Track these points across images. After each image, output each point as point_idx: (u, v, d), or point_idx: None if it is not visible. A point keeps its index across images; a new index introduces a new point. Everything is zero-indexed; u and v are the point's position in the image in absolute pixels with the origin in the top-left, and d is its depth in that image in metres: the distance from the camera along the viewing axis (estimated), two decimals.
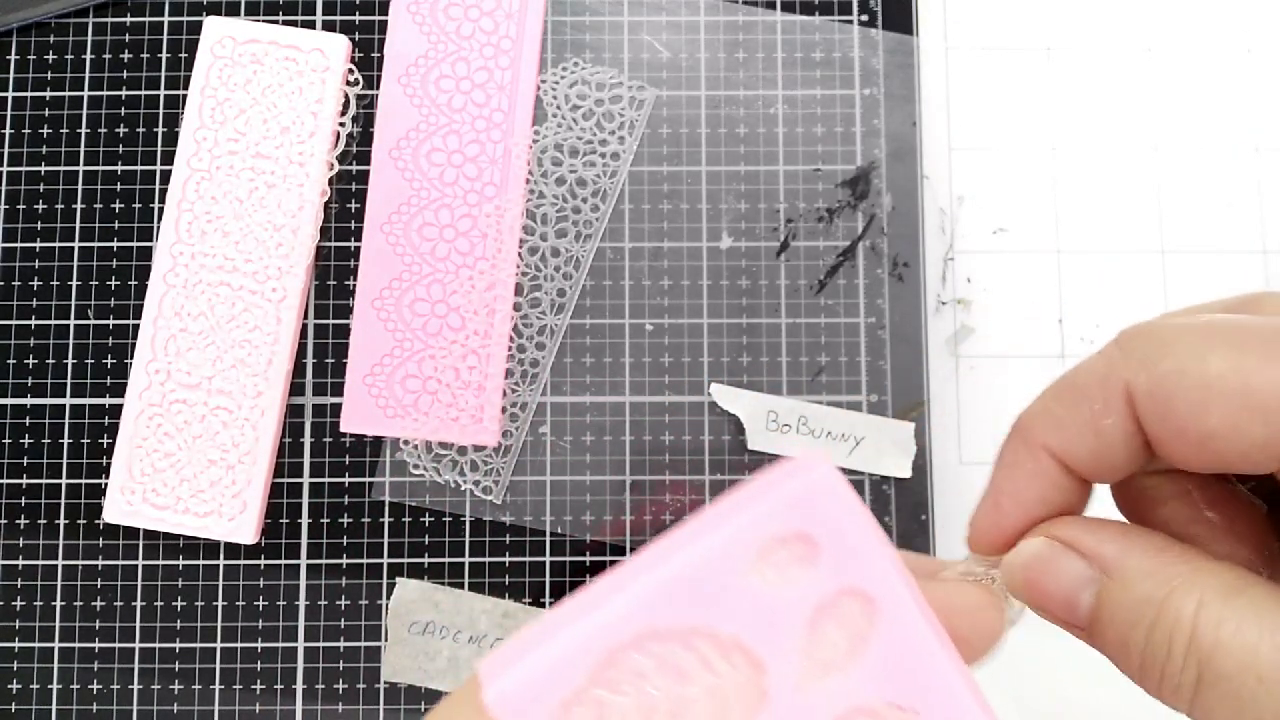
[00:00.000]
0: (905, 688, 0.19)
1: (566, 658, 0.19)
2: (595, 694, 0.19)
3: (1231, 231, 0.44)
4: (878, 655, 0.19)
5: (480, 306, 0.42)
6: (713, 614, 0.19)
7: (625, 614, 0.19)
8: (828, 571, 0.19)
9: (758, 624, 0.19)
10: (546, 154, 0.44)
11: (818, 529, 0.19)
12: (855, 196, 0.44)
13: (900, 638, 0.19)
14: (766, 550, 0.19)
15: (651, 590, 0.19)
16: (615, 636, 0.19)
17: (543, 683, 0.19)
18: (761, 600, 0.19)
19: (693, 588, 0.19)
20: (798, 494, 0.19)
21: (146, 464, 0.41)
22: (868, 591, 0.19)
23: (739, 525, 0.20)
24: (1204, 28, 0.45)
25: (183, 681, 0.41)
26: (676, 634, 0.19)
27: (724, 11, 0.45)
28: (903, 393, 0.43)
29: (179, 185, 0.42)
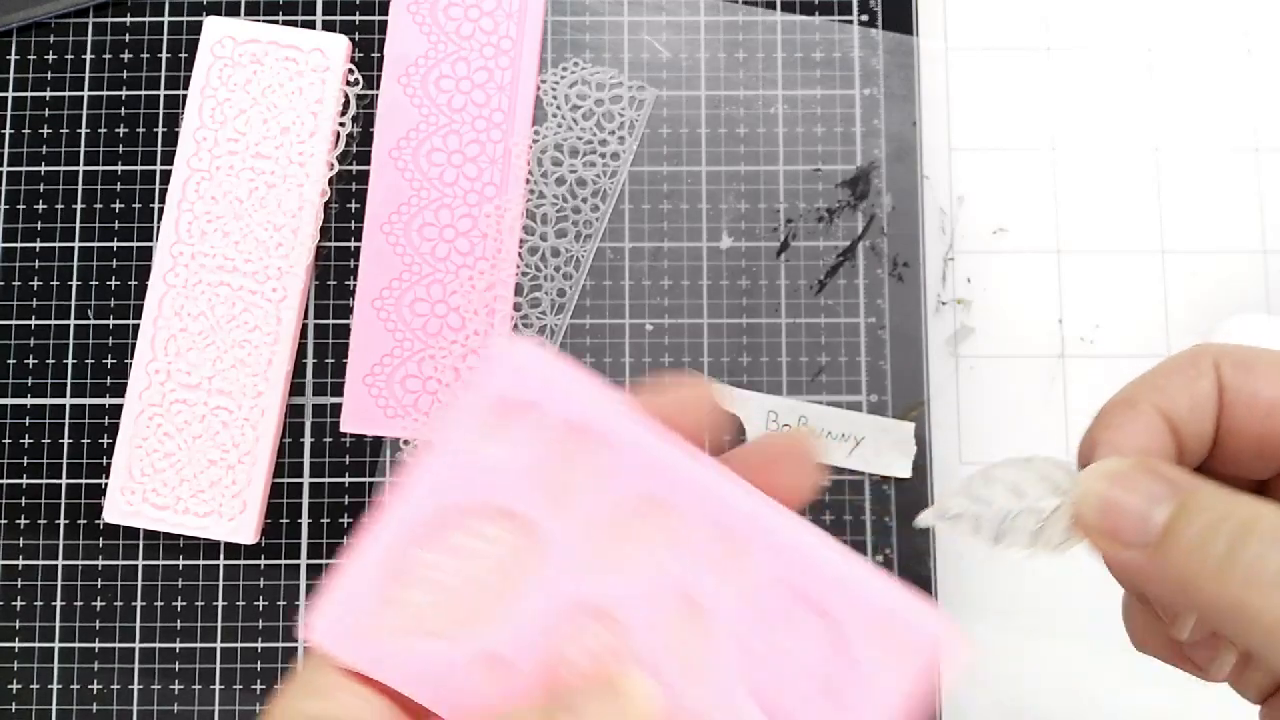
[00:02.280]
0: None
1: (359, 577, 0.22)
2: (396, 595, 0.22)
3: (1231, 231, 0.44)
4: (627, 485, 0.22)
5: (480, 306, 0.42)
6: (471, 494, 0.22)
7: (395, 519, 0.22)
8: (554, 424, 0.22)
9: (515, 489, 0.22)
10: (546, 154, 0.44)
11: (535, 394, 0.22)
12: (855, 196, 0.44)
13: (636, 464, 0.22)
14: (495, 424, 0.22)
15: (411, 492, 0.22)
16: (394, 543, 0.22)
17: (346, 603, 0.21)
18: (510, 467, 0.22)
19: (444, 479, 0.22)
20: (503, 368, 0.22)
21: (146, 464, 0.41)
22: (592, 428, 0.22)
23: (460, 410, 0.22)
24: (1204, 28, 0.45)
25: (183, 681, 0.41)
26: (448, 520, 0.22)
27: (724, 11, 0.45)
28: (903, 393, 0.43)
29: (179, 185, 0.42)
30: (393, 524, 0.22)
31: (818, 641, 0.21)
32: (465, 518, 0.22)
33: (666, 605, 0.22)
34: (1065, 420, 0.43)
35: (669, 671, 0.22)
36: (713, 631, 0.22)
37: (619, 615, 0.22)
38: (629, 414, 0.22)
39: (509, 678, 0.22)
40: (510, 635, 0.22)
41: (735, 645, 0.22)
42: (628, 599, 0.22)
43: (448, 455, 0.22)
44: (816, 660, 0.21)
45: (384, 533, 0.22)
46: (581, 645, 0.22)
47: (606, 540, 0.22)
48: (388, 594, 0.22)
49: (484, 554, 0.22)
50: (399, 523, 0.22)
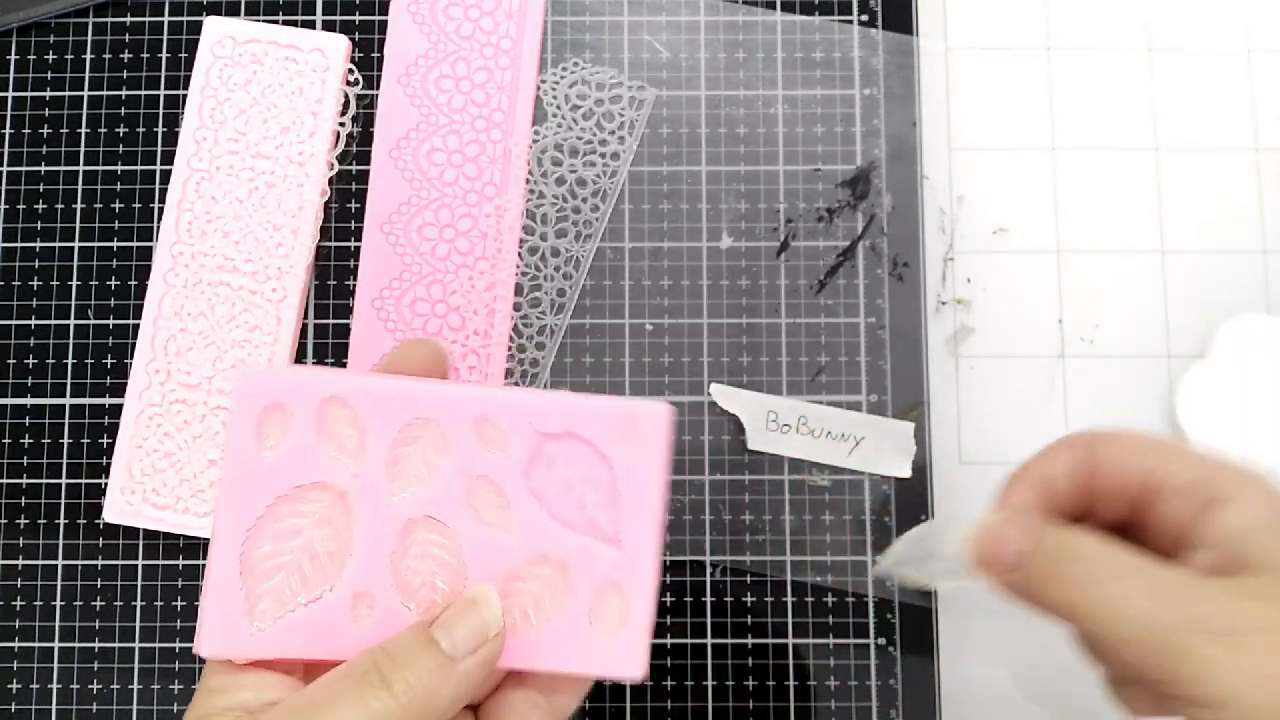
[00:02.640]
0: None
1: (221, 588, 0.26)
2: (257, 593, 0.26)
3: (1231, 231, 0.44)
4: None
5: (480, 306, 0.42)
6: (275, 488, 0.27)
7: (223, 537, 0.27)
8: (308, 408, 0.27)
9: (306, 466, 0.27)
10: (546, 154, 0.44)
11: (280, 395, 0.27)
12: (855, 196, 0.44)
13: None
14: (258, 429, 0.27)
15: (222, 512, 0.27)
16: (234, 551, 0.26)
17: (221, 613, 0.26)
18: (293, 454, 0.27)
19: (247, 487, 0.27)
20: (246, 390, 0.27)
21: (146, 464, 0.41)
22: (342, 393, 0.27)
23: (231, 437, 0.27)
24: (1204, 28, 0.45)
25: (182, 681, 0.41)
26: (268, 516, 0.27)
27: (724, 11, 0.45)
28: (903, 393, 0.43)
29: (179, 185, 0.42)
30: (226, 538, 0.27)
31: (587, 463, 0.28)
32: (280, 508, 0.27)
33: (465, 490, 0.27)
34: (1065, 420, 0.43)
35: (491, 536, 0.27)
36: (508, 490, 0.28)
37: (436, 515, 0.27)
38: (364, 376, 0.28)
39: (378, 606, 0.27)
40: (363, 572, 0.27)
41: (531, 494, 0.28)
42: (434, 501, 0.27)
43: (241, 471, 0.27)
44: (592, 476, 0.28)
45: (223, 547, 0.27)
46: (419, 552, 0.27)
47: (397, 468, 0.27)
48: (249, 591, 0.26)
49: (309, 527, 0.27)
50: (229, 538, 0.27)
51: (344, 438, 0.27)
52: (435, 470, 0.27)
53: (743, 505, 0.42)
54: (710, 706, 0.41)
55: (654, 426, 0.28)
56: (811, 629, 0.41)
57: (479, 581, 0.27)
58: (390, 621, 0.27)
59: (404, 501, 0.27)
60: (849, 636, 0.41)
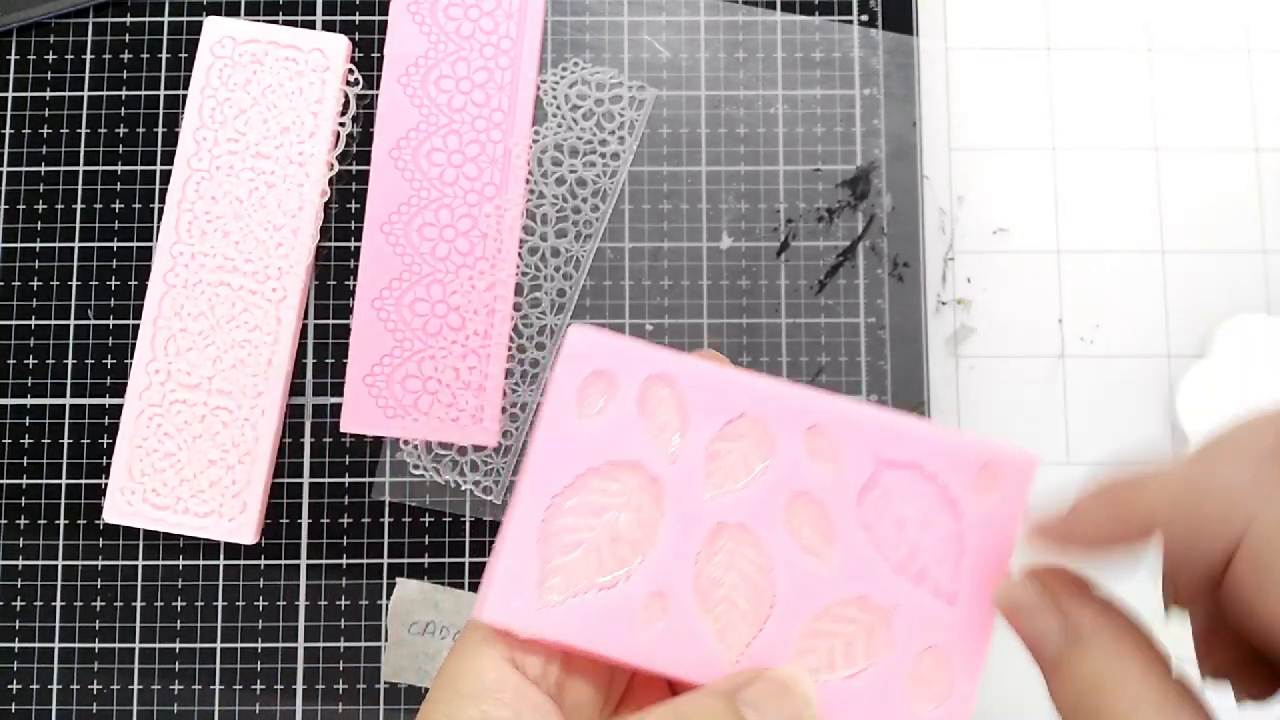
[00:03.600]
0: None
1: (517, 556, 0.24)
2: (552, 566, 0.24)
3: (1231, 231, 0.44)
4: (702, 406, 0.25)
5: (480, 306, 0.42)
6: (588, 460, 0.25)
7: (529, 500, 0.24)
8: (632, 383, 0.25)
9: (621, 443, 0.25)
10: (546, 154, 0.44)
11: (607, 363, 0.25)
12: (855, 196, 0.44)
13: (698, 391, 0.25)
14: (582, 393, 0.25)
15: (533, 474, 0.24)
16: (536, 520, 0.24)
17: (513, 582, 0.24)
18: (611, 428, 0.25)
19: (560, 455, 0.24)
20: (573, 352, 0.25)
21: (146, 464, 0.41)
22: (671, 374, 0.25)
23: (552, 397, 0.25)
24: (1204, 28, 0.45)
25: (183, 681, 0.41)
26: (575, 489, 0.25)
27: (724, 11, 0.45)
28: (903, 393, 0.43)
29: (179, 185, 0.42)
30: (530, 504, 0.24)
31: (928, 502, 0.25)
32: (590, 481, 0.25)
33: (786, 506, 0.25)
34: (1065, 420, 0.43)
35: (808, 562, 0.25)
36: (832, 514, 0.25)
37: (750, 525, 0.25)
38: (695, 359, 0.25)
39: (672, 609, 0.24)
40: (663, 568, 0.24)
41: (858, 524, 0.25)
42: (750, 508, 0.25)
43: (557, 434, 0.25)
44: (932, 519, 0.25)
45: (525, 511, 0.24)
46: (725, 561, 0.25)
47: (715, 464, 0.25)
48: (545, 565, 0.24)
49: (616, 507, 0.25)
50: (535, 502, 0.24)
51: (666, 420, 0.25)
52: (757, 476, 0.25)
53: None
54: None
55: (1019, 476, 0.24)
56: None
57: (787, 609, 0.24)
58: (684, 630, 0.24)
59: (718, 502, 0.25)
60: None
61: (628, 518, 0.25)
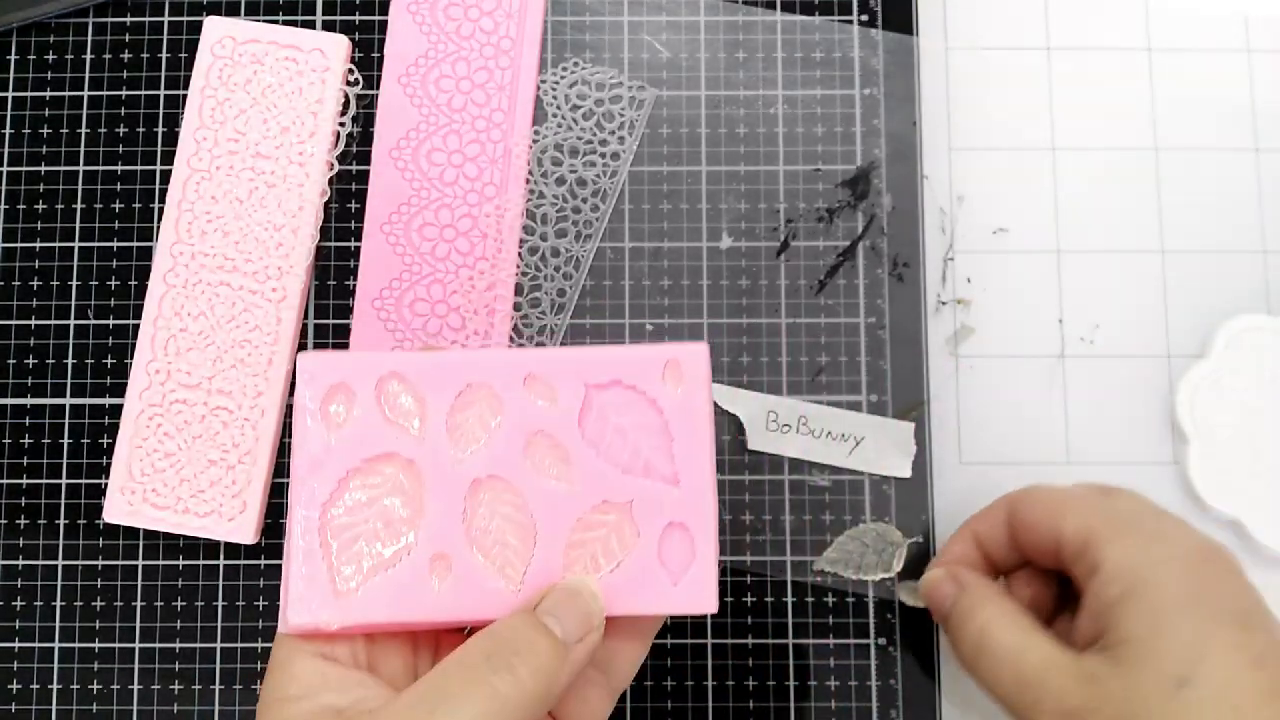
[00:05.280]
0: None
1: (304, 561, 0.28)
2: (339, 561, 0.28)
3: (1231, 231, 0.44)
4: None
5: (480, 306, 0.42)
6: (345, 462, 0.28)
7: (302, 514, 0.28)
8: (368, 386, 0.29)
9: (372, 440, 0.28)
10: (546, 154, 0.44)
11: (341, 376, 0.29)
12: (855, 196, 0.44)
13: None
14: (324, 409, 0.29)
15: (299, 490, 0.28)
16: (312, 526, 0.28)
17: (306, 586, 0.27)
18: (359, 429, 0.28)
19: (320, 464, 0.28)
20: (307, 373, 0.29)
21: (146, 464, 0.41)
22: (399, 369, 0.29)
23: (299, 418, 0.29)
24: (1204, 28, 0.45)
25: (183, 681, 0.41)
26: (341, 490, 0.28)
27: (724, 11, 0.45)
28: (903, 393, 0.43)
29: (179, 185, 0.42)
30: (304, 516, 0.28)
31: (636, 409, 0.29)
32: (352, 480, 0.28)
33: (525, 447, 0.29)
34: (1065, 420, 0.43)
35: (555, 488, 0.29)
36: (564, 442, 0.29)
37: (500, 474, 0.29)
38: (416, 353, 0.29)
39: (455, 565, 0.28)
40: (437, 534, 0.28)
41: (587, 444, 0.29)
42: (496, 460, 0.29)
43: (311, 449, 0.28)
44: (642, 421, 0.29)
45: (302, 523, 0.28)
46: (488, 511, 0.28)
47: (458, 433, 0.29)
48: (331, 562, 0.28)
49: (382, 494, 0.28)
50: (308, 514, 0.28)
51: (405, 409, 0.29)
52: (494, 431, 0.29)
53: (743, 505, 0.42)
54: (710, 706, 0.41)
55: (696, 364, 0.29)
56: (811, 629, 0.41)
57: (548, 533, 0.28)
58: (469, 580, 0.28)
59: (468, 463, 0.28)
60: (849, 636, 0.41)
61: (394, 500, 0.28)
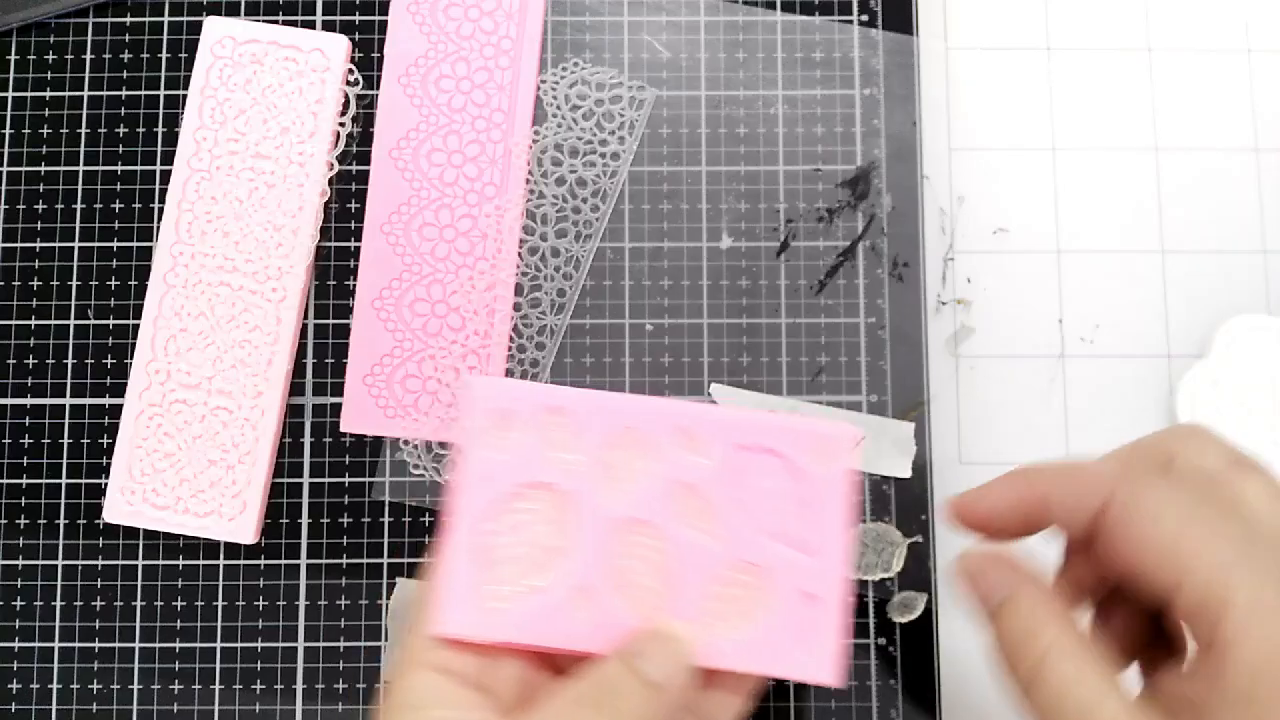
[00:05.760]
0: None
1: (456, 573, 0.29)
2: (489, 580, 0.29)
3: (1231, 231, 0.44)
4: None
5: (480, 306, 0.42)
6: (505, 485, 0.29)
7: (461, 530, 0.29)
8: (531, 415, 0.30)
9: (532, 467, 0.29)
10: (546, 154, 0.44)
11: (509, 403, 0.30)
12: (855, 196, 0.44)
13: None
14: (494, 431, 0.30)
15: (461, 508, 0.29)
16: (468, 541, 0.29)
17: (458, 596, 0.28)
18: (520, 455, 0.30)
19: (481, 483, 0.29)
20: (479, 397, 0.30)
21: (146, 464, 0.41)
22: (562, 404, 0.30)
23: (465, 437, 0.30)
24: (1204, 28, 0.45)
25: (183, 681, 0.41)
26: (498, 510, 0.29)
27: (724, 11, 0.45)
28: (903, 393, 0.43)
29: (179, 185, 0.42)
30: (461, 533, 0.29)
31: (779, 476, 0.30)
32: (509, 502, 0.29)
33: (672, 496, 0.30)
34: (1065, 420, 0.43)
35: (697, 539, 0.30)
36: (710, 496, 0.30)
37: (646, 517, 0.29)
38: (578, 390, 0.30)
39: (595, 600, 0.29)
40: (583, 567, 0.29)
41: (731, 502, 0.30)
42: (644, 504, 0.30)
43: (475, 469, 0.29)
44: (784, 488, 0.30)
45: (461, 539, 0.29)
46: (632, 553, 0.29)
47: (610, 472, 0.30)
48: (483, 581, 0.29)
49: (534, 521, 0.29)
50: (465, 531, 0.29)
51: (564, 443, 0.30)
52: (644, 475, 0.30)
53: None
54: None
55: (845, 446, 0.30)
56: None
57: (686, 582, 0.29)
58: (606, 615, 0.29)
59: (617, 503, 0.30)
60: (849, 636, 0.41)
61: (546, 529, 0.29)
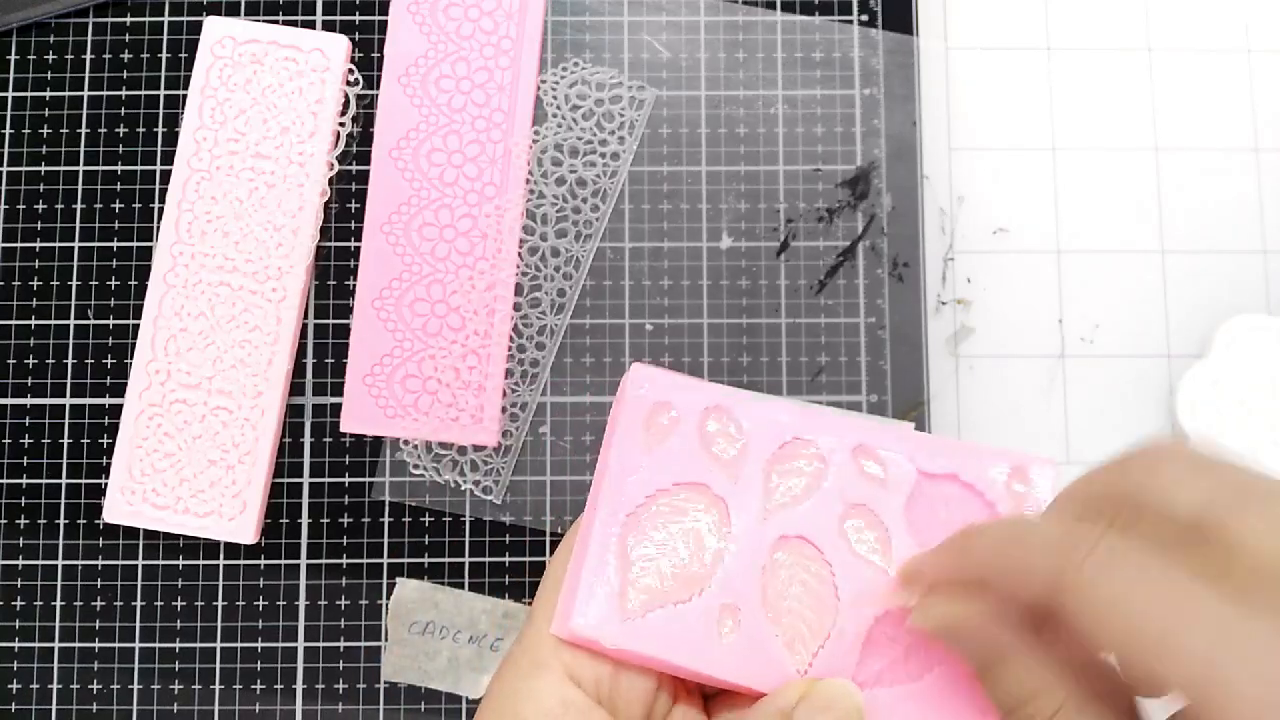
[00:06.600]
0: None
1: (598, 573, 0.25)
2: (630, 582, 0.26)
3: (1231, 231, 0.44)
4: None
5: (480, 306, 0.42)
6: (656, 484, 0.26)
7: (605, 522, 0.26)
8: (689, 414, 0.27)
9: (686, 468, 0.26)
10: (546, 154, 0.44)
11: (666, 396, 0.27)
12: (855, 196, 0.44)
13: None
14: (648, 422, 0.27)
15: (607, 498, 0.26)
16: (613, 540, 0.26)
17: (596, 597, 0.25)
18: (675, 454, 0.27)
19: (631, 480, 0.26)
20: (636, 387, 0.27)
21: (146, 464, 0.41)
22: (725, 404, 0.27)
23: (618, 428, 0.27)
24: (1204, 28, 0.45)
25: (183, 681, 0.41)
26: (647, 512, 0.26)
27: (724, 11, 0.45)
28: (903, 393, 0.43)
29: (179, 185, 0.42)
30: (606, 525, 0.26)
31: (968, 508, 0.27)
32: (660, 501, 0.26)
33: (841, 518, 0.27)
34: (1065, 420, 0.43)
35: (867, 571, 0.26)
36: (887, 524, 0.26)
37: (810, 538, 0.26)
38: (746, 391, 0.27)
39: (744, 623, 0.26)
40: (733, 583, 0.26)
41: (909, 535, 0.26)
42: (809, 522, 0.26)
43: (626, 460, 0.26)
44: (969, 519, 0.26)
45: (602, 534, 0.26)
46: (788, 575, 0.26)
47: (773, 483, 0.27)
48: (623, 581, 0.26)
49: (686, 525, 0.26)
50: (610, 523, 0.26)
51: (725, 446, 0.27)
52: (812, 492, 0.27)
53: None
54: None
55: (1043, 479, 0.27)
56: None
57: (849, 617, 0.26)
58: (754, 643, 0.26)
59: (779, 517, 0.26)
60: None
61: (697, 535, 0.26)
